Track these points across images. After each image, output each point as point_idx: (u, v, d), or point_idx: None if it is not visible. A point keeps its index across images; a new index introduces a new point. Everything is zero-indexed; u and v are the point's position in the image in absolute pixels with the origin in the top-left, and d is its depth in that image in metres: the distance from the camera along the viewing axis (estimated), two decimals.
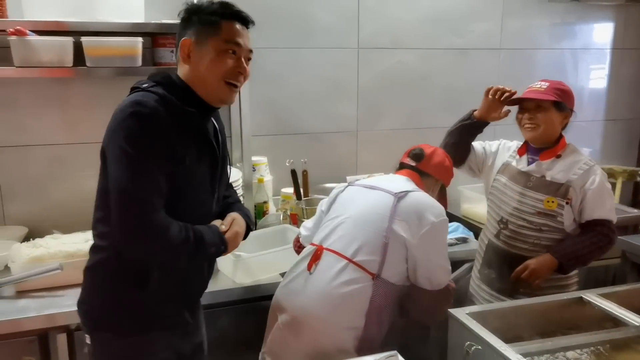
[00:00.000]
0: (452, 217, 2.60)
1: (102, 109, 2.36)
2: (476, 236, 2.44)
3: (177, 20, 2.24)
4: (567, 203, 1.90)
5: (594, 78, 3.36)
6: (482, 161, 2.17)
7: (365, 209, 1.76)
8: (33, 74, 2.05)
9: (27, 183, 2.35)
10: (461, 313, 1.53)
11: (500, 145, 2.17)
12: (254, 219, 2.45)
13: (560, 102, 1.93)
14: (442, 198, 1.93)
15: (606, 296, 1.68)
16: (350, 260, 1.66)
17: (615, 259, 2.54)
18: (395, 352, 1.37)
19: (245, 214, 1.66)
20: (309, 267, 1.71)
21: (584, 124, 3.32)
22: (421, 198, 1.75)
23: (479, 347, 1.41)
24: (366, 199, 1.80)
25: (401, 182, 1.84)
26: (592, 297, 1.67)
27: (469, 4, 2.96)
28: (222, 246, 1.49)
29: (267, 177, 2.61)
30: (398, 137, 2.92)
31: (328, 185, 2.74)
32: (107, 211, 1.38)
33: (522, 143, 2.08)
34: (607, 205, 1.92)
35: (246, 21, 1.51)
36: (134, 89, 1.47)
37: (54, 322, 1.76)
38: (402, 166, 1.95)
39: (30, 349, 1.75)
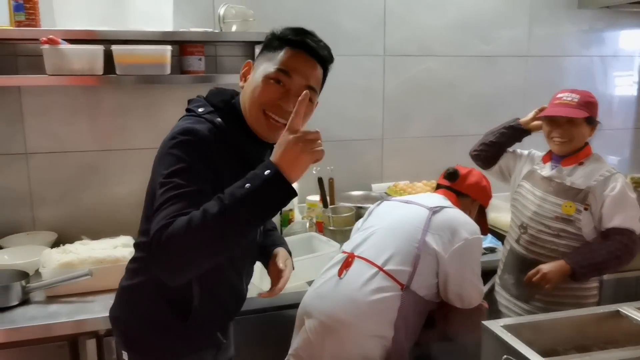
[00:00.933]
0: None
1: (132, 117, 2.42)
2: None
3: (204, 29, 2.29)
4: (585, 209, 1.89)
5: (623, 85, 3.30)
6: (514, 166, 2.21)
7: (399, 221, 1.77)
8: (64, 81, 2.08)
9: (57, 189, 2.38)
10: (496, 326, 1.50)
11: (530, 153, 2.20)
12: (280, 226, 2.44)
13: (592, 116, 1.93)
14: (482, 221, 1.94)
15: None
16: (380, 269, 1.66)
17: None
18: None
19: (283, 243, 1.67)
20: (340, 273, 1.71)
21: (613, 132, 3.26)
22: (456, 214, 1.77)
23: None
24: (401, 211, 1.82)
25: (437, 199, 1.86)
26: (630, 310, 1.62)
27: (496, 11, 2.93)
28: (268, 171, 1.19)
29: (293, 185, 2.60)
30: (424, 145, 2.91)
31: (354, 193, 2.73)
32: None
33: (547, 151, 2.10)
34: (629, 214, 1.88)
35: (315, 53, 1.30)
36: (189, 111, 1.36)
37: (83, 328, 1.77)
38: (438, 187, 1.99)
39: (60, 354, 1.77)
